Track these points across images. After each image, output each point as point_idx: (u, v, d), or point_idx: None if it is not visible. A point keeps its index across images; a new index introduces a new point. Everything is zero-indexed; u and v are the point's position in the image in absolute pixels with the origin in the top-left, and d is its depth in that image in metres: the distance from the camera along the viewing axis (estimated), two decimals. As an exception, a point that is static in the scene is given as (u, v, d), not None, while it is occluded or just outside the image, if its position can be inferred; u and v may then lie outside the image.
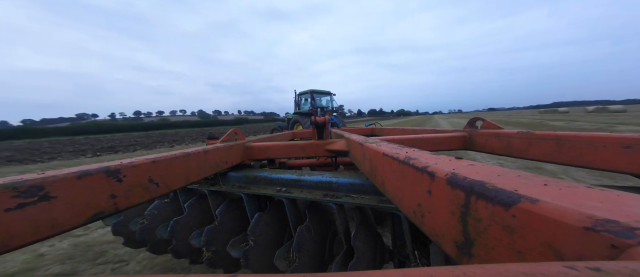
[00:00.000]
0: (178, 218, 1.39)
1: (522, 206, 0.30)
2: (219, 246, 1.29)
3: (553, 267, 0.19)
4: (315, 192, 1.14)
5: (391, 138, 1.33)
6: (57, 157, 10.96)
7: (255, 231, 1.18)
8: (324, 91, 12.32)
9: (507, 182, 0.36)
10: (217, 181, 1.39)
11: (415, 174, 0.53)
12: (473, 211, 0.36)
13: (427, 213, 0.49)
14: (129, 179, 0.76)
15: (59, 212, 0.59)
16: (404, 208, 0.60)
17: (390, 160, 0.67)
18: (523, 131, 1.24)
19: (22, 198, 0.54)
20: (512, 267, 0.20)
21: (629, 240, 0.22)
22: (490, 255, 0.34)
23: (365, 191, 1.05)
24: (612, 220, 0.24)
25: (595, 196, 0.30)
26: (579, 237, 0.25)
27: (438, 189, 0.45)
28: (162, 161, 0.88)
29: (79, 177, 0.64)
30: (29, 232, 0.54)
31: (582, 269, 0.19)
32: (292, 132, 3.39)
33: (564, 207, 0.27)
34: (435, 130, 1.91)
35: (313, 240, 1.15)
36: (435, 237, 0.47)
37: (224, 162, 1.32)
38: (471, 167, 0.47)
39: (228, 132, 1.64)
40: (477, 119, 1.66)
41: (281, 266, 1.08)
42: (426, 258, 0.95)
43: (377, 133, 3.29)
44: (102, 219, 0.70)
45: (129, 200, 0.76)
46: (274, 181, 1.27)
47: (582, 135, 1.00)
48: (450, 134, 1.58)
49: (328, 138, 1.64)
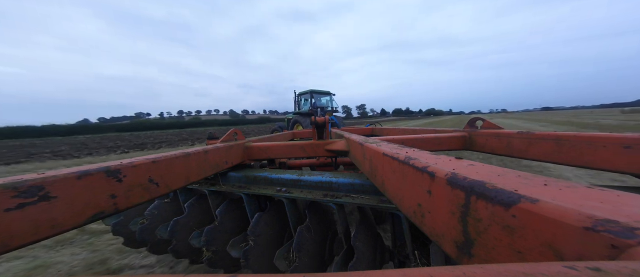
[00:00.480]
0: (178, 218, 1.39)
1: (522, 206, 0.30)
2: (219, 246, 1.29)
3: (553, 267, 0.19)
4: (315, 192, 1.14)
5: (391, 138, 1.33)
6: (93, 153, 11.70)
7: (256, 231, 1.18)
8: (323, 91, 12.35)
9: (507, 182, 0.36)
10: (217, 181, 1.39)
11: (415, 174, 0.53)
12: (473, 211, 0.36)
13: (427, 213, 0.49)
14: (129, 179, 0.76)
15: (59, 212, 0.59)
16: (404, 208, 0.60)
17: (390, 160, 0.67)
18: (523, 131, 1.24)
19: (22, 198, 0.54)
20: (512, 267, 0.20)
21: (629, 240, 0.22)
22: (490, 255, 0.34)
23: (365, 191, 1.05)
24: (612, 220, 0.24)
25: (595, 196, 0.30)
26: (579, 237, 0.25)
27: (438, 189, 0.45)
28: (162, 160, 0.88)
29: (79, 177, 0.64)
30: (29, 232, 0.54)
31: (582, 269, 0.19)
32: (292, 132, 3.39)
33: (564, 207, 0.27)
34: (435, 131, 1.91)
35: (313, 240, 1.15)
36: (435, 237, 0.47)
37: (224, 162, 1.32)
38: (471, 167, 0.47)
39: (228, 132, 1.64)
40: (477, 119, 1.66)
41: (281, 266, 1.08)
42: (426, 258, 0.95)
43: (377, 133, 3.29)
44: (102, 219, 0.70)
45: (129, 200, 0.76)
46: (274, 181, 1.27)
47: (582, 135, 1.00)
48: (450, 134, 1.58)
49: (328, 138, 1.64)
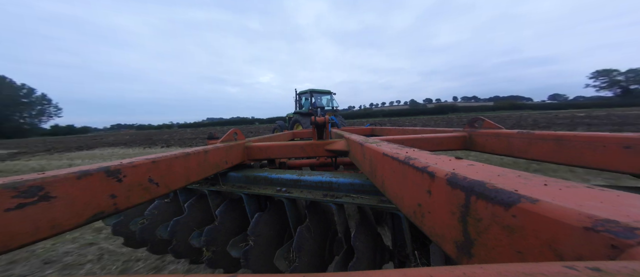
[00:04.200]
0: (178, 218, 1.39)
1: (522, 206, 0.30)
2: (218, 246, 1.29)
3: (553, 267, 0.19)
4: (315, 192, 1.14)
5: (391, 138, 1.34)
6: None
7: (256, 231, 1.18)
8: (324, 90, 12.30)
9: (507, 182, 0.36)
10: (217, 181, 1.39)
11: (415, 174, 0.53)
12: (473, 211, 0.36)
13: (427, 213, 0.49)
14: (129, 179, 0.76)
15: (59, 212, 0.59)
16: (404, 208, 0.60)
17: (390, 160, 0.67)
18: (523, 131, 1.24)
19: (22, 198, 0.54)
20: (512, 267, 0.20)
21: (629, 240, 0.22)
22: (490, 255, 0.34)
23: (365, 191, 1.05)
24: (612, 220, 0.24)
25: (595, 196, 0.30)
26: (579, 237, 0.25)
27: (438, 189, 0.45)
28: (162, 161, 0.88)
29: (79, 177, 0.64)
30: (29, 232, 0.54)
31: (582, 269, 0.19)
32: (292, 132, 3.39)
33: (564, 207, 0.27)
34: (435, 130, 1.91)
35: (313, 240, 1.15)
36: (435, 237, 0.47)
37: (224, 162, 1.32)
38: (471, 167, 0.47)
39: (228, 132, 1.64)
40: (477, 118, 1.66)
41: (281, 266, 1.08)
42: (426, 258, 0.95)
43: (377, 133, 3.29)
44: (102, 219, 0.70)
45: (129, 200, 0.76)
46: (274, 181, 1.27)
47: (582, 135, 1.00)
48: (450, 134, 1.58)
49: (328, 138, 1.64)
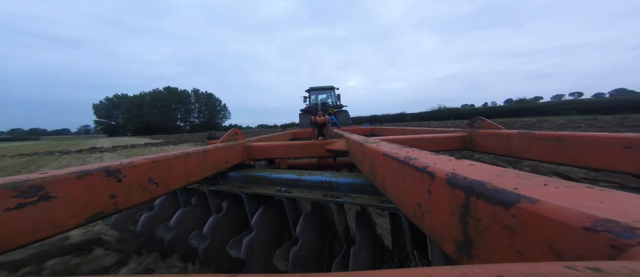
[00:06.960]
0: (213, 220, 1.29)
1: (522, 206, 0.30)
2: (262, 256, 1.19)
3: (553, 267, 0.19)
4: (315, 192, 1.14)
5: (391, 138, 1.34)
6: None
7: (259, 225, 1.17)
8: (324, 87, 11.96)
9: (507, 182, 0.36)
10: (217, 181, 1.39)
11: (415, 174, 0.53)
12: (473, 211, 0.36)
13: (427, 213, 0.49)
14: (128, 179, 0.76)
15: (59, 212, 0.59)
16: (404, 208, 0.60)
17: (390, 160, 0.67)
18: (523, 131, 1.24)
19: (22, 198, 0.54)
20: (512, 267, 0.20)
21: (629, 240, 0.22)
22: (490, 255, 0.34)
23: (365, 191, 1.05)
24: (612, 220, 0.24)
25: (595, 196, 0.30)
26: (579, 237, 0.25)
27: (438, 189, 0.45)
28: (162, 160, 0.88)
29: (79, 177, 0.64)
30: (29, 232, 0.54)
31: (582, 269, 0.19)
32: (292, 132, 3.39)
33: (564, 207, 0.27)
34: (435, 131, 1.91)
35: (313, 239, 1.15)
36: (435, 237, 0.47)
37: (224, 162, 1.32)
38: (471, 167, 0.47)
39: (228, 132, 1.64)
40: (477, 118, 1.66)
41: (281, 266, 1.07)
42: (426, 258, 0.95)
43: (377, 133, 3.29)
44: (102, 219, 0.70)
45: (129, 200, 0.76)
46: (274, 181, 1.27)
47: (582, 135, 1.00)
48: (450, 134, 1.58)
49: (328, 138, 1.64)
